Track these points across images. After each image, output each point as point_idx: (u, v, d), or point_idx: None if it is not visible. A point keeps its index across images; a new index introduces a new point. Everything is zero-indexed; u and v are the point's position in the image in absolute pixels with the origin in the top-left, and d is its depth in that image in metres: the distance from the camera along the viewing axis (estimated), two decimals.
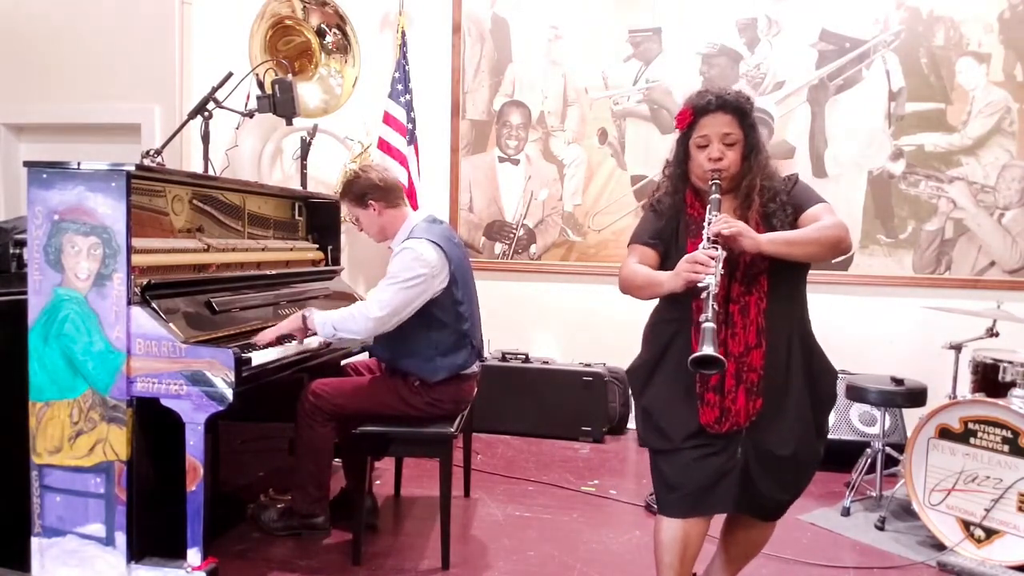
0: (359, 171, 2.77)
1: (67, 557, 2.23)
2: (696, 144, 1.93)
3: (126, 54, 3.53)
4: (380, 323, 2.50)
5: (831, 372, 2.03)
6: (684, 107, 1.97)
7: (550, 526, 3.06)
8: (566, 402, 4.24)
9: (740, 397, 1.87)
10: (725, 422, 1.88)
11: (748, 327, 1.87)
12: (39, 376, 2.21)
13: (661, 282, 1.88)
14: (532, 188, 4.64)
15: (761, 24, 4.27)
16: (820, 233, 1.84)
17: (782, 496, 2.00)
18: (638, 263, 1.99)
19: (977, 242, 4.08)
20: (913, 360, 3.82)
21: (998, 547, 2.73)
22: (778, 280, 1.89)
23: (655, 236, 2.01)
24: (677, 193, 2.00)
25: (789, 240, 1.84)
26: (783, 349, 1.91)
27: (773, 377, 1.89)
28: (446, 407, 2.69)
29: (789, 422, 1.91)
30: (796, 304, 1.97)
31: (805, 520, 3.15)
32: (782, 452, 1.90)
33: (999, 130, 4.02)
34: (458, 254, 2.69)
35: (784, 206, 1.92)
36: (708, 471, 1.91)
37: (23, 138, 3.84)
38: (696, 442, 1.91)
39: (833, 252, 1.88)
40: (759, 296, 1.88)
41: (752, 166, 1.93)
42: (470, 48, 4.64)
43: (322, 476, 2.75)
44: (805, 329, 1.98)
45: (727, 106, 1.91)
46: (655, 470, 2.03)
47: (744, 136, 1.93)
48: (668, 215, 2.00)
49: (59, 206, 2.17)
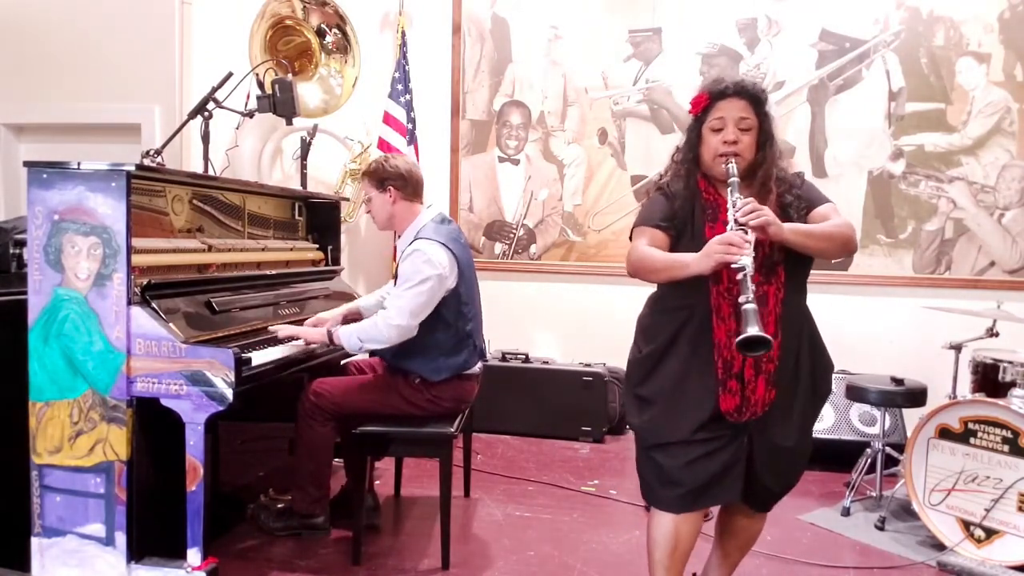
0: (390, 157, 2.84)
1: (67, 557, 2.23)
2: (711, 128, 1.91)
3: (126, 54, 3.52)
4: (403, 330, 2.53)
5: (831, 367, 2.04)
6: (700, 92, 1.95)
7: (550, 526, 3.06)
8: (566, 402, 4.24)
9: (760, 387, 1.87)
10: (745, 411, 1.88)
11: (767, 317, 1.85)
12: (39, 376, 2.21)
13: (686, 263, 1.81)
14: (532, 188, 4.64)
15: (761, 24, 4.27)
16: (835, 230, 1.86)
17: (776, 486, 2.01)
18: (649, 246, 1.95)
19: (977, 242, 4.08)
20: (913, 360, 3.82)
21: (998, 547, 2.73)
22: (793, 272, 1.90)
23: (667, 219, 1.96)
24: (690, 177, 1.97)
25: (809, 232, 1.85)
26: (795, 339, 1.91)
27: (787, 368, 1.89)
28: (447, 405, 2.70)
29: (795, 414, 1.92)
30: (804, 295, 1.98)
31: (805, 520, 3.15)
32: (786, 443, 1.92)
33: (999, 130, 4.02)
34: (465, 255, 2.71)
35: (799, 198, 1.93)
36: (715, 466, 1.91)
37: (23, 138, 3.84)
38: (705, 434, 1.90)
39: (843, 250, 1.92)
40: (777, 286, 1.88)
41: (767, 155, 1.92)
42: (470, 48, 4.64)
43: (322, 476, 2.75)
44: (811, 320, 1.99)
45: (744, 92, 1.90)
46: (649, 464, 1.99)
47: (759, 124, 1.92)
48: (682, 198, 1.96)
49: (59, 206, 2.17)
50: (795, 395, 1.92)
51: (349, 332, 2.56)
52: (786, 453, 1.94)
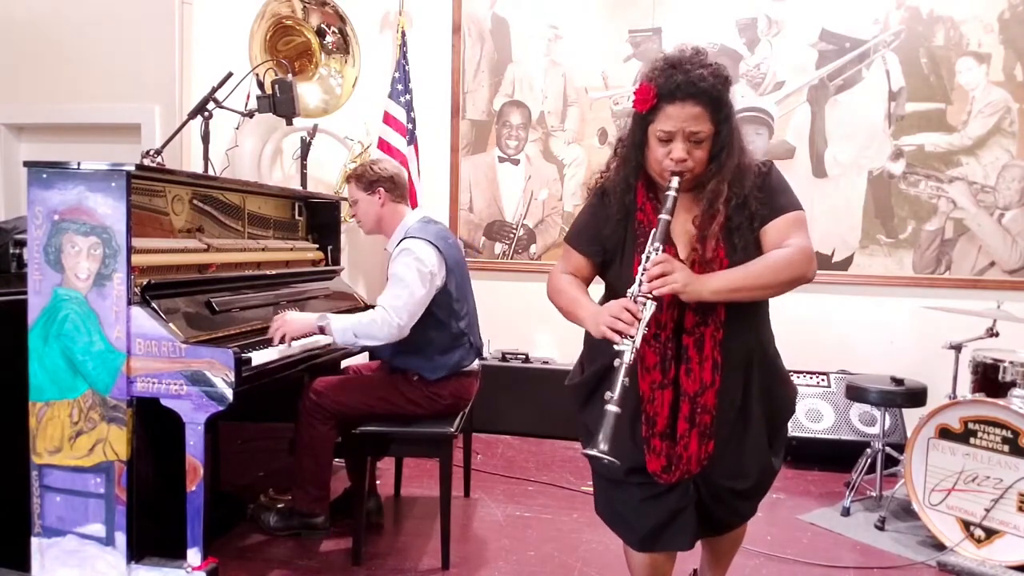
0: (376, 160, 2.88)
1: (67, 557, 2.23)
2: (657, 136, 1.63)
3: (126, 54, 3.53)
4: (401, 329, 2.53)
5: (791, 389, 1.87)
6: (644, 83, 1.62)
7: (550, 526, 3.06)
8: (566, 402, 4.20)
9: (692, 442, 1.68)
10: (675, 471, 1.69)
11: (704, 363, 1.67)
12: (39, 376, 2.21)
13: (581, 318, 1.70)
14: (532, 188, 4.63)
15: (761, 24, 4.27)
16: (775, 271, 1.62)
17: (738, 521, 1.91)
18: (567, 272, 1.81)
19: (977, 242, 4.08)
20: (913, 360, 3.82)
21: (998, 547, 2.73)
22: (736, 306, 1.67)
23: (594, 241, 1.78)
24: (628, 191, 1.73)
25: (735, 286, 1.61)
26: (739, 383, 1.71)
27: (728, 414, 1.70)
28: (447, 403, 2.71)
29: (747, 456, 1.73)
30: (756, 328, 1.76)
31: (805, 520, 3.16)
32: (741, 487, 1.75)
33: (999, 130, 4.02)
34: (454, 253, 2.72)
35: (752, 218, 1.67)
36: (661, 511, 1.74)
37: (23, 138, 3.84)
38: (642, 479, 1.73)
39: (791, 287, 1.65)
40: (715, 327, 1.67)
41: (721, 166, 1.64)
42: (470, 48, 4.63)
43: (322, 475, 2.75)
44: (766, 351, 1.78)
45: (700, 94, 1.58)
46: (606, 499, 1.86)
47: (716, 130, 1.63)
48: (616, 217, 1.74)
49: (59, 206, 2.17)
50: (744, 439, 1.72)
51: (344, 326, 2.52)
52: (745, 493, 1.77)
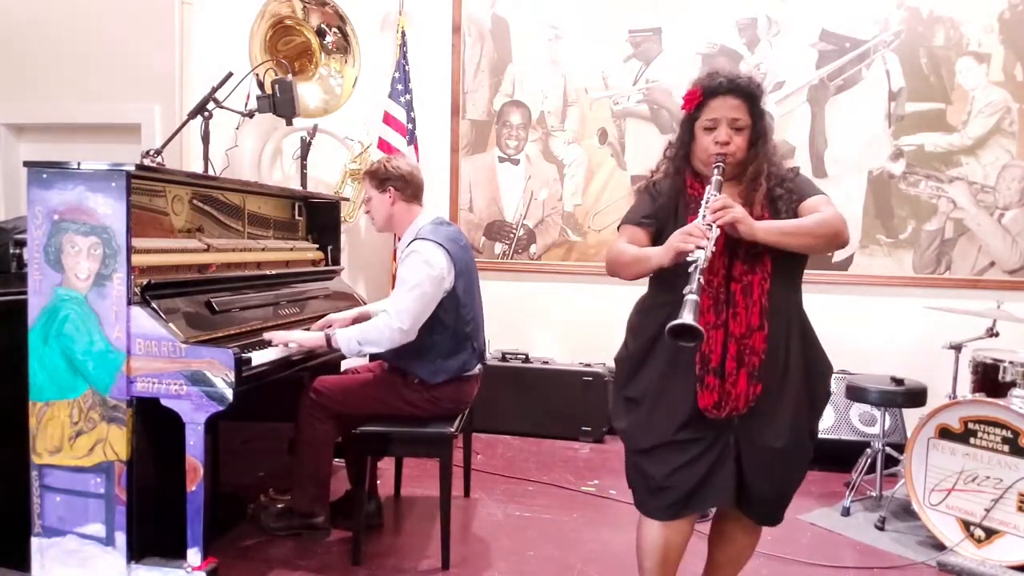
0: (392, 158, 2.84)
1: (67, 557, 2.23)
2: (703, 127, 1.87)
3: (126, 54, 3.53)
4: (405, 334, 2.51)
5: (829, 369, 1.98)
6: (693, 87, 1.90)
7: (550, 526, 3.06)
8: (566, 402, 4.24)
9: (741, 381, 1.81)
10: (725, 406, 1.81)
11: (751, 307, 1.81)
12: (39, 376, 2.21)
13: (649, 256, 1.83)
14: (532, 188, 4.63)
15: (761, 24, 4.27)
16: (817, 225, 1.81)
17: (770, 492, 1.93)
18: (627, 243, 1.94)
19: (977, 242, 4.08)
20: (913, 360, 3.81)
21: (998, 547, 2.73)
22: (781, 262, 1.84)
23: (649, 216, 1.95)
24: (678, 175, 1.94)
25: (784, 230, 1.79)
26: (783, 334, 1.85)
27: (774, 363, 1.83)
28: (447, 406, 2.70)
29: (785, 412, 1.85)
30: (796, 290, 1.92)
31: (805, 520, 3.16)
32: (776, 444, 1.84)
33: (999, 130, 4.02)
34: (463, 256, 2.70)
35: (791, 192, 1.88)
36: (701, 468, 1.85)
37: (23, 138, 3.84)
38: (688, 434, 1.85)
39: (829, 245, 1.85)
40: (763, 276, 1.82)
41: (759, 153, 1.88)
42: (470, 48, 4.63)
43: (322, 474, 2.75)
44: (803, 316, 1.93)
45: (738, 90, 1.85)
46: (637, 472, 1.96)
47: (752, 123, 1.87)
48: (667, 195, 1.95)
49: (59, 206, 2.17)
50: (784, 392, 1.85)
51: (349, 336, 2.52)
52: (777, 455, 1.85)
